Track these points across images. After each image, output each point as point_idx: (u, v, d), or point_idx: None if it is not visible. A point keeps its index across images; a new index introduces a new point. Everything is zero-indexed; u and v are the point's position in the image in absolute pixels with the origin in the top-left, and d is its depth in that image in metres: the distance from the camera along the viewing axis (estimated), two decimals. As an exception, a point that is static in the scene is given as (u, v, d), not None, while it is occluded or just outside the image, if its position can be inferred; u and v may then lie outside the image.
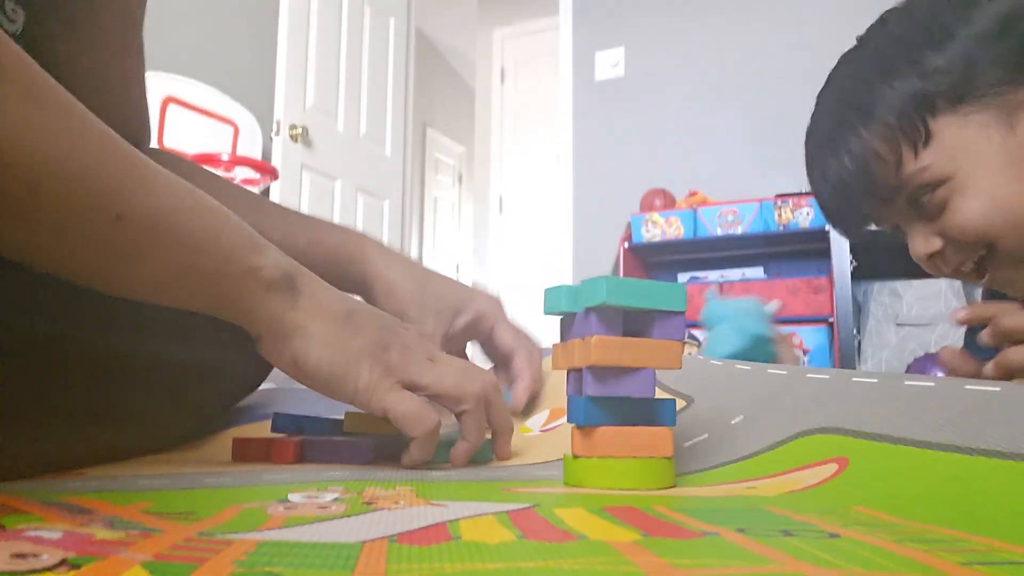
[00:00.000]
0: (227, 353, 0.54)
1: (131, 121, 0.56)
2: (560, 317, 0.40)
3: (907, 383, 0.38)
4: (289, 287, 0.42)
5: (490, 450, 0.48)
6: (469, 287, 0.64)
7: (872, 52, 0.71)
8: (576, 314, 0.38)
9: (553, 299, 0.39)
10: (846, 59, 0.75)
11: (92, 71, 0.49)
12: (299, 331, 0.42)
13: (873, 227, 0.75)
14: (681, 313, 0.37)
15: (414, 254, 4.85)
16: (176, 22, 2.42)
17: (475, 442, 0.45)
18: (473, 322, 0.62)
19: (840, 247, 1.95)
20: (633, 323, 0.37)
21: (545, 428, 0.56)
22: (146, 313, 0.46)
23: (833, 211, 0.75)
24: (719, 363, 0.58)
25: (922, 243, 0.71)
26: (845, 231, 0.77)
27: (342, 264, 0.61)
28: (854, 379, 0.42)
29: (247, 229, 0.42)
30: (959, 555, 0.20)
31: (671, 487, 0.36)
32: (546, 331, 0.73)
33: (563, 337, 0.40)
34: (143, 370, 0.46)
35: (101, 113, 0.35)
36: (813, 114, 0.77)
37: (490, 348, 0.64)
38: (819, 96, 0.77)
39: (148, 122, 0.59)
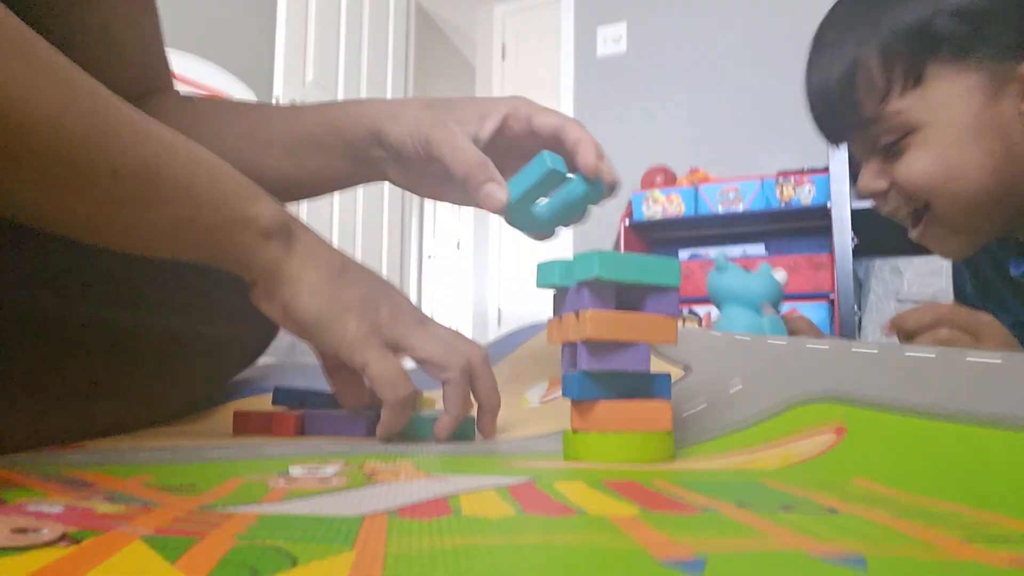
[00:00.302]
0: (226, 326, 0.54)
1: (148, 67, 0.56)
2: (553, 292, 0.40)
3: (907, 353, 0.38)
4: (285, 236, 0.42)
5: (474, 428, 0.48)
6: (493, 98, 0.55)
7: None
8: (569, 289, 0.37)
9: (546, 273, 0.39)
10: None
11: (100, 24, 0.49)
12: (292, 279, 0.42)
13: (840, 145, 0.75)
14: (675, 288, 0.37)
15: (414, 232, 4.85)
16: (173, -5, 2.40)
17: (456, 414, 0.45)
18: (505, 122, 0.53)
19: (842, 224, 1.95)
20: (626, 298, 0.37)
21: (544, 399, 0.56)
22: (145, 287, 0.46)
23: (817, 114, 0.75)
24: (718, 333, 0.58)
25: (870, 179, 0.72)
26: (824, 135, 0.77)
27: (351, 128, 0.55)
28: (854, 349, 0.41)
29: (243, 179, 0.42)
30: (959, 530, 0.20)
31: (671, 460, 0.36)
32: (545, 307, 0.73)
33: (556, 311, 0.39)
34: (142, 344, 0.46)
35: (115, 62, 0.35)
36: (832, 7, 0.75)
37: (532, 141, 0.53)
38: None
39: (167, 68, 0.59)
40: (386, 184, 2.87)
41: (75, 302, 0.41)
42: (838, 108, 0.70)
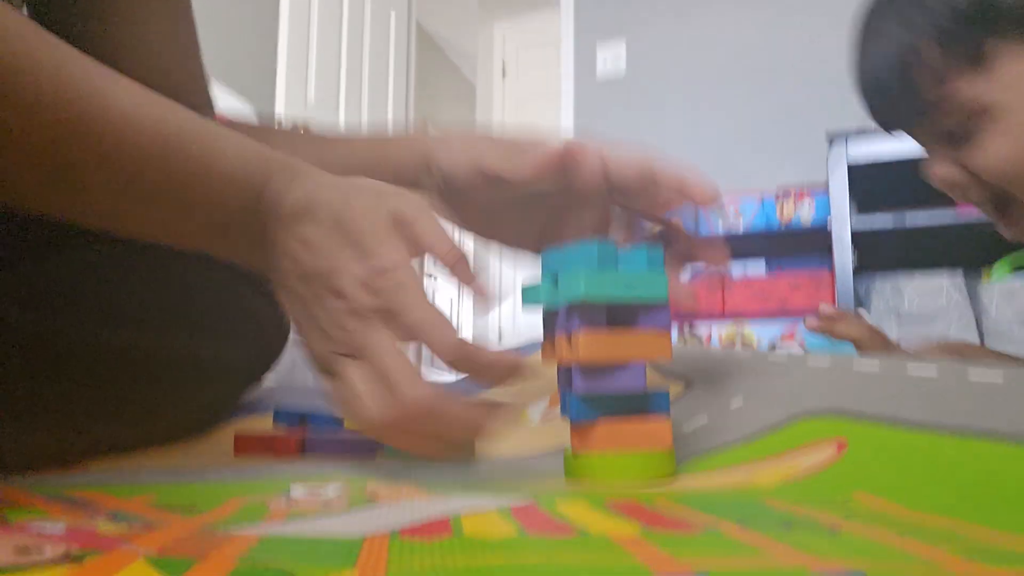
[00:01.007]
0: (229, 347, 0.54)
1: (186, 87, 0.56)
2: (542, 311, 0.39)
3: (909, 372, 0.38)
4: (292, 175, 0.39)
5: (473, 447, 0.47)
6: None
7: None
8: (559, 309, 0.36)
9: (530, 294, 0.38)
10: None
11: (139, 45, 0.50)
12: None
13: (897, 132, 0.71)
14: (666, 304, 0.36)
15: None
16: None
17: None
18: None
19: (842, 243, 1.95)
20: (618, 314, 0.36)
21: (545, 417, 0.56)
22: (147, 308, 0.46)
23: (870, 104, 0.71)
24: (718, 348, 0.58)
25: (939, 168, 0.67)
26: (881, 126, 0.72)
27: (400, 154, 0.54)
28: (855, 367, 0.42)
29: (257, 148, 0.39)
30: (960, 548, 0.20)
31: (672, 477, 0.36)
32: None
33: (546, 331, 0.39)
34: (144, 364, 0.46)
35: (152, 84, 0.35)
36: None
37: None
38: None
39: (207, 91, 0.59)
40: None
41: (76, 322, 0.41)
42: (895, 97, 0.66)
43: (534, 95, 4.43)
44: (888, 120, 0.70)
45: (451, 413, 0.33)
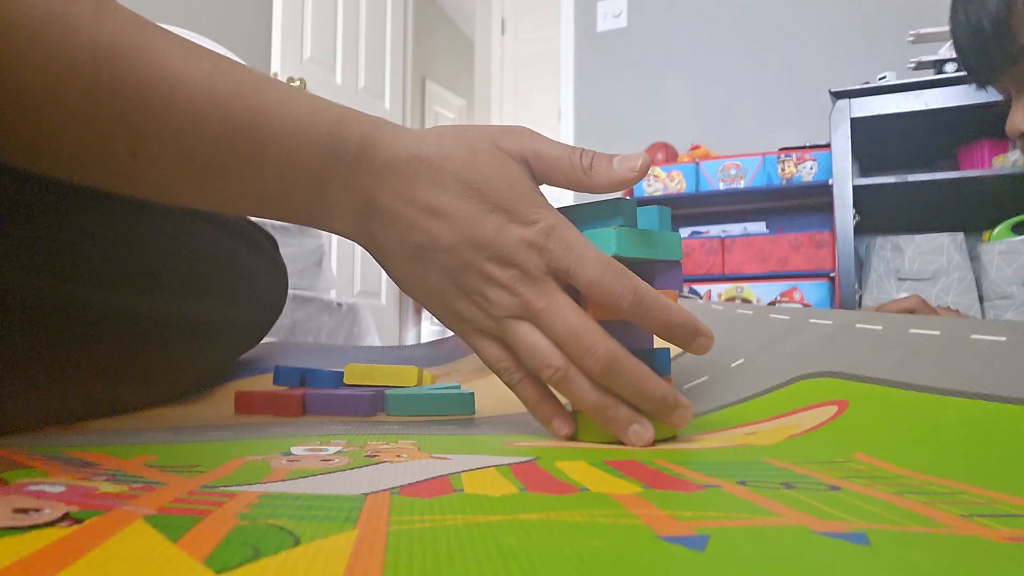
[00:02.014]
0: (229, 308, 0.54)
1: None
2: None
3: (911, 330, 0.38)
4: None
5: (473, 403, 0.48)
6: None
7: None
8: None
9: None
10: None
11: None
12: (385, 214, 0.35)
13: (991, 88, 0.71)
14: (679, 263, 0.37)
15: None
16: (169, -29, 2.37)
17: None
18: None
19: (843, 202, 1.94)
20: (637, 274, 0.37)
21: None
22: (146, 269, 0.46)
23: (964, 53, 0.71)
24: (720, 307, 0.58)
25: (1021, 119, 0.68)
26: (970, 73, 0.73)
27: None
28: (857, 325, 0.41)
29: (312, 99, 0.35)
30: (959, 507, 0.20)
31: (673, 437, 0.36)
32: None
33: None
34: (143, 325, 0.46)
35: None
36: None
37: None
38: None
39: None
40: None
41: (75, 283, 0.41)
42: (991, 42, 0.66)
43: (534, 52, 4.37)
44: (981, 67, 0.70)
45: (647, 372, 0.34)
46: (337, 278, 2.75)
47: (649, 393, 0.34)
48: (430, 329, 4.71)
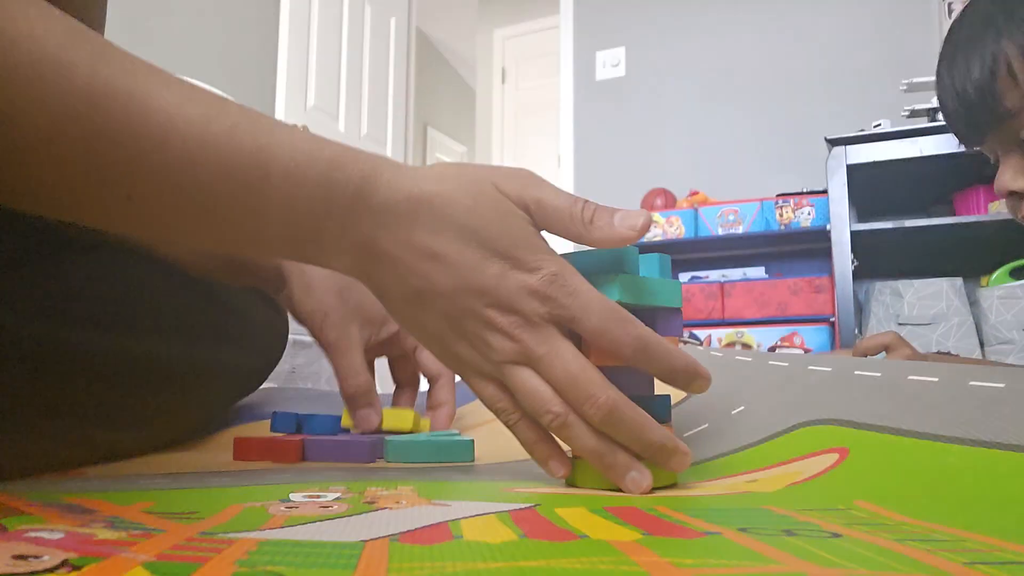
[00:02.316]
0: (230, 353, 0.54)
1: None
2: None
3: (910, 377, 0.38)
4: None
5: (472, 450, 0.48)
6: None
7: None
8: None
9: None
10: None
11: None
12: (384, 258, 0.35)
13: (977, 148, 0.72)
14: (680, 310, 0.37)
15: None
16: (176, 20, 2.42)
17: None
18: (397, 337, 0.58)
19: (841, 247, 1.95)
20: (639, 319, 0.37)
21: None
22: (148, 313, 0.46)
23: (951, 117, 0.73)
24: (719, 353, 0.58)
25: (1009, 178, 0.69)
26: (958, 137, 0.74)
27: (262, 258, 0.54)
28: (856, 371, 0.41)
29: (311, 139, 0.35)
30: (962, 555, 0.20)
31: (674, 484, 0.36)
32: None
33: None
34: (143, 370, 0.46)
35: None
36: (964, 9, 0.72)
37: (407, 367, 0.61)
38: None
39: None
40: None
41: (73, 328, 0.41)
42: (976, 105, 0.68)
43: (534, 101, 4.44)
44: (967, 129, 0.72)
45: (647, 420, 0.34)
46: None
47: (648, 440, 0.34)
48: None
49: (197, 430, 0.57)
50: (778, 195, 2.31)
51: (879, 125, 1.99)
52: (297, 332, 1.68)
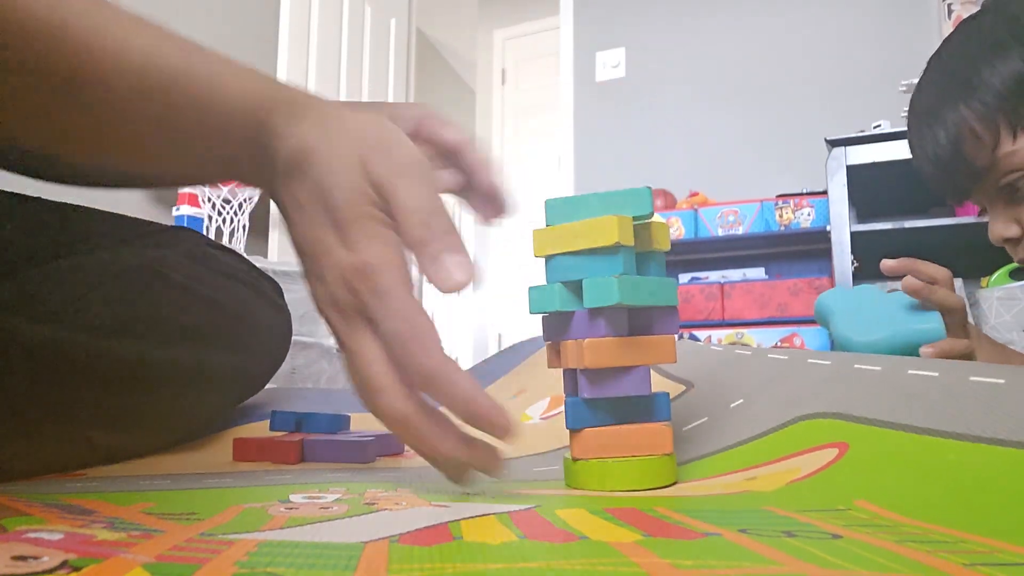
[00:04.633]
0: (232, 355, 0.54)
1: None
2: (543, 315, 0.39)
3: (910, 371, 0.38)
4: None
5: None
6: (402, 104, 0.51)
7: (984, 27, 0.69)
8: (572, 313, 0.36)
9: (542, 299, 0.37)
10: (960, 29, 0.73)
11: None
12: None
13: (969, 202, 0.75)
14: (675, 308, 0.37)
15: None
16: (175, 24, 2.43)
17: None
18: (416, 129, 0.48)
19: (841, 247, 1.95)
20: (634, 320, 0.37)
21: (545, 416, 0.56)
22: (148, 316, 0.46)
23: (930, 181, 0.75)
24: (719, 348, 0.58)
25: (1001, 227, 0.71)
26: (945, 198, 0.76)
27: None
28: (856, 365, 0.41)
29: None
30: (962, 556, 0.20)
31: (673, 484, 0.36)
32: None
33: (547, 335, 0.39)
34: (145, 373, 0.46)
35: None
36: (919, 81, 0.75)
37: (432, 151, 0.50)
38: (928, 63, 0.75)
39: None
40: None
41: (74, 330, 0.41)
42: (951, 168, 0.70)
43: (534, 102, 4.44)
44: (948, 191, 0.74)
45: (430, 440, 0.31)
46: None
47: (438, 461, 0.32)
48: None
49: (200, 432, 0.57)
50: (778, 196, 2.31)
51: (879, 126, 1.99)
52: (298, 333, 1.68)
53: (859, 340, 0.64)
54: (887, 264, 0.67)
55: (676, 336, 0.38)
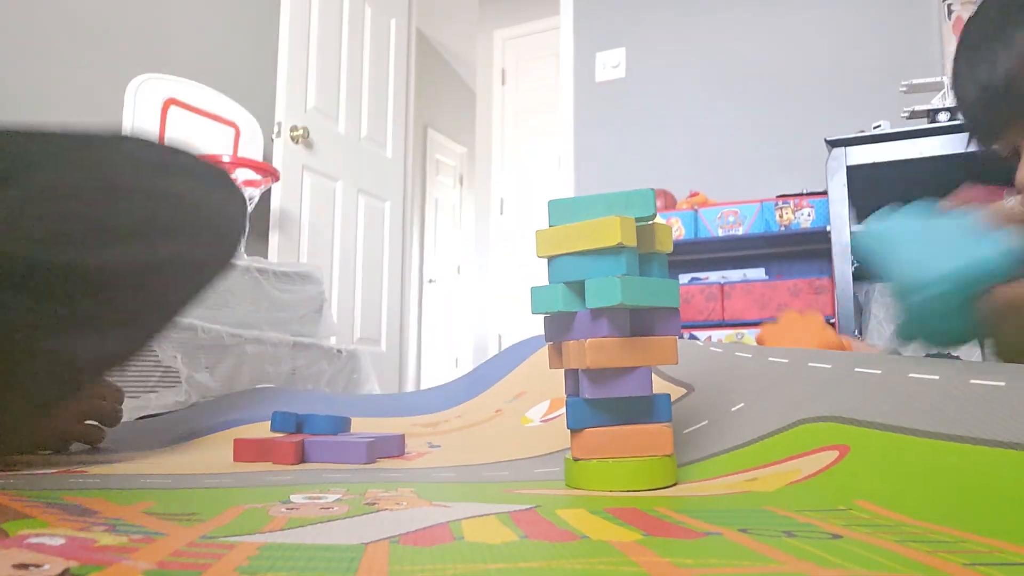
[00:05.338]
0: (178, 246, 0.52)
1: None
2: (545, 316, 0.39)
3: (910, 375, 0.38)
4: None
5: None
6: None
7: None
8: (575, 314, 0.37)
9: (545, 299, 0.37)
10: None
11: None
12: None
13: (996, 146, 0.72)
14: (677, 310, 0.37)
15: (415, 256, 4.86)
16: (177, 24, 2.43)
17: None
18: None
19: (841, 248, 1.95)
20: (636, 321, 0.37)
21: (545, 418, 0.56)
22: (83, 219, 0.46)
23: (970, 112, 0.72)
24: (719, 349, 0.58)
25: None
26: (976, 135, 0.71)
27: None
28: (856, 368, 0.41)
29: None
30: (962, 556, 0.20)
31: (674, 484, 0.36)
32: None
33: (549, 336, 0.39)
34: (87, 279, 0.45)
35: None
36: (979, 6, 0.73)
37: None
38: None
39: None
40: (387, 209, 2.85)
41: (14, 244, 0.42)
42: (1001, 96, 0.66)
43: (534, 102, 4.44)
44: (988, 119, 0.70)
45: None
46: (337, 325, 2.76)
47: None
48: (430, 376, 4.69)
49: (159, 333, 0.55)
50: (778, 196, 2.31)
51: (879, 126, 1.99)
52: (297, 334, 1.67)
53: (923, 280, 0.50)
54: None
55: (677, 338, 0.38)
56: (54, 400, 0.43)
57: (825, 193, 2.10)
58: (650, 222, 0.38)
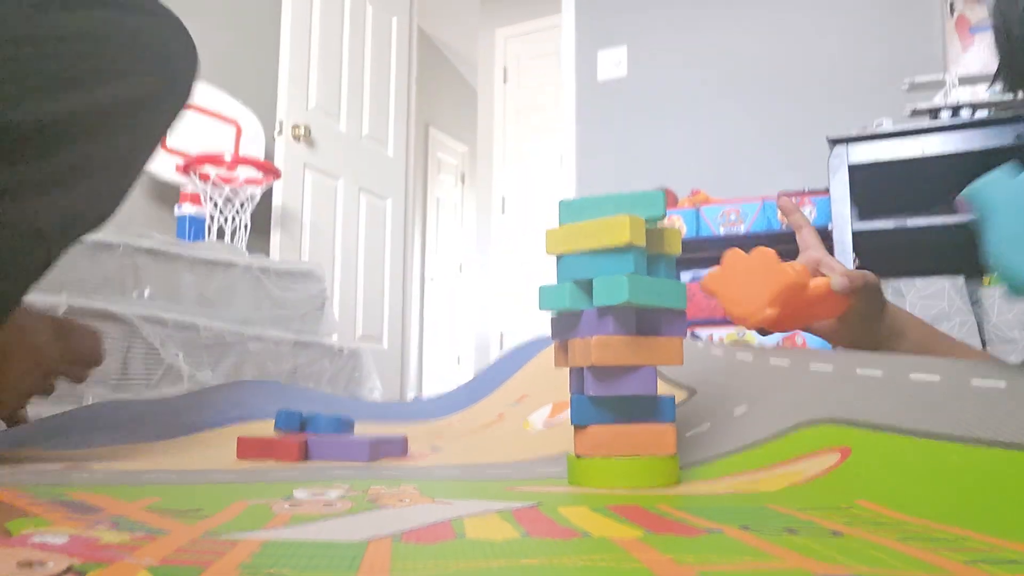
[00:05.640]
0: (124, 87, 0.51)
1: None
2: (553, 315, 0.39)
3: (912, 376, 0.38)
4: None
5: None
6: None
7: None
8: (581, 312, 0.37)
9: (552, 296, 0.38)
10: None
11: None
12: None
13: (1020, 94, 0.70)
14: (684, 311, 0.37)
15: (416, 255, 4.86)
16: (179, 22, 2.43)
17: None
18: None
19: (843, 246, 1.95)
20: (642, 321, 0.37)
21: (548, 423, 0.56)
22: (25, 74, 0.44)
23: (1008, 47, 0.70)
24: (720, 352, 0.58)
25: None
26: (1004, 78, 0.72)
27: None
28: (858, 370, 0.41)
29: None
30: (963, 554, 0.20)
31: (675, 484, 0.36)
32: (547, 330, 0.72)
33: (555, 334, 0.39)
34: (39, 133, 0.44)
35: None
36: None
37: None
38: None
39: None
40: (388, 207, 2.85)
41: None
42: None
43: (536, 100, 4.44)
44: (1021, 62, 0.68)
45: None
46: (339, 323, 2.76)
47: None
48: (431, 374, 4.70)
49: (125, 188, 0.54)
50: (780, 193, 2.30)
51: (881, 124, 1.99)
52: (299, 332, 1.67)
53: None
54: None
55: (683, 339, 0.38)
56: (29, 277, 0.42)
57: (827, 191, 2.10)
58: (659, 224, 0.38)
